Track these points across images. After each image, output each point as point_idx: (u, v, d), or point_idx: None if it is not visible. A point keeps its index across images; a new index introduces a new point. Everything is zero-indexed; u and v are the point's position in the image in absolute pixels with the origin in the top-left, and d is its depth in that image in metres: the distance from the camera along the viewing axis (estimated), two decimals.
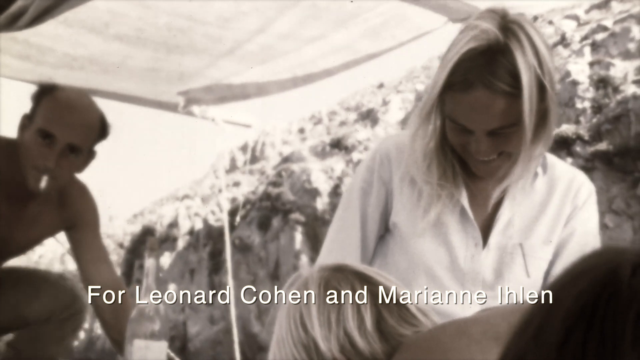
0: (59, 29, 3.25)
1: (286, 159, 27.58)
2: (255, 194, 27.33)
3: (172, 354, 2.07)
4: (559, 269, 1.85)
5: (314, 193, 27.46)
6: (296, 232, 27.10)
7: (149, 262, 1.81)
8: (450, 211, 1.89)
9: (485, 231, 1.91)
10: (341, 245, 1.98)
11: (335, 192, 27.29)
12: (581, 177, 1.98)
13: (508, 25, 1.71)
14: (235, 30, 3.43)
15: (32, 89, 2.64)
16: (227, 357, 28.82)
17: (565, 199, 1.93)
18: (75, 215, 2.72)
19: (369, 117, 28.23)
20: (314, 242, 26.90)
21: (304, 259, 26.99)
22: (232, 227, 29.40)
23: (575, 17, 18.16)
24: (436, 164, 1.85)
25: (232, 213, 29.45)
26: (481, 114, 1.71)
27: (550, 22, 17.67)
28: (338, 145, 27.60)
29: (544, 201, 1.93)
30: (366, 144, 27.59)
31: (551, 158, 1.96)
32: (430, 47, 3.79)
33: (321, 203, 27.38)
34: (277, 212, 26.58)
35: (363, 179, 1.97)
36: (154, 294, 1.80)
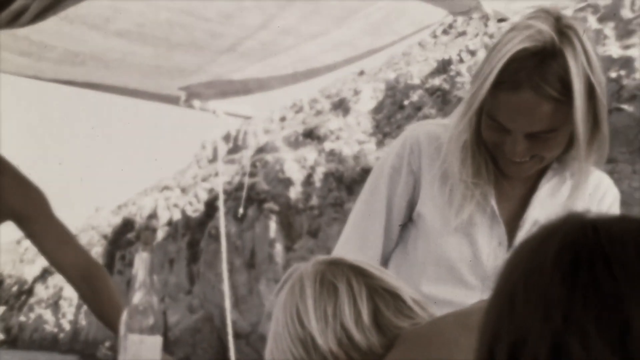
0: (60, 25, 3.15)
1: (260, 150, 27.54)
2: (231, 184, 27.26)
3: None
4: None
5: (288, 182, 27.43)
6: (270, 221, 27.08)
7: (142, 256, 1.73)
8: (481, 210, 1.83)
9: (511, 230, 1.84)
10: (365, 232, 1.91)
11: (308, 182, 27.30)
12: (607, 182, 1.92)
13: (563, 29, 1.64)
14: (236, 26, 3.35)
15: (34, 85, 2.51)
16: (207, 344, 28.79)
17: (590, 204, 1.88)
18: (16, 208, 2.52)
19: (341, 106, 28.23)
20: (288, 231, 26.91)
21: (279, 247, 26.99)
22: (209, 217, 29.28)
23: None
24: (470, 161, 1.78)
25: (210, 204, 29.34)
26: (524, 116, 1.65)
27: (515, 13, 17.84)
28: (311, 135, 27.58)
29: (569, 204, 1.86)
30: (338, 133, 27.59)
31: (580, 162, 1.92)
32: None
33: (294, 192, 27.36)
34: (252, 202, 26.55)
35: (391, 166, 1.89)
36: (146, 289, 1.72)
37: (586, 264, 0.64)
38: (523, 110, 1.64)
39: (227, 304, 4.56)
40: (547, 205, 1.86)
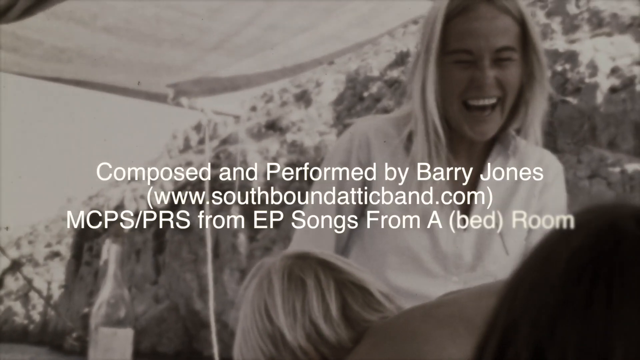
0: (47, 21, 3.05)
1: (224, 141, 27.42)
2: (195, 175, 27.12)
3: None
4: (534, 240, 1.76)
5: (250, 173, 27.35)
6: (234, 212, 27.00)
7: (113, 249, 1.67)
8: (436, 195, 1.80)
9: (464, 212, 1.83)
10: (316, 229, 1.86)
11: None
12: (549, 156, 1.94)
13: None
14: (223, 22, 3.27)
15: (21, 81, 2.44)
16: (172, 334, 28.66)
17: (535, 177, 1.89)
18: None
19: (303, 98, 28.21)
20: (251, 221, 26.84)
21: (242, 237, 26.92)
22: (175, 208, 29.01)
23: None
24: (421, 142, 1.77)
25: (175, 195, 29.07)
26: (485, 31, 1.69)
27: None
28: (273, 126, 27.53)
29: (516, 180, 1.88)
30: (299, 124, 27.55)
31: (520, 140, 1.89)
32: None
33: (257, 183, 27.29)
34: (216, 193, 26.44)
35: (340, 162, 1.85)
36: (117, 282, 1.66)
37: (590, 275, 0.56)
38: (482, 24, 1.69)
39: (211, 303, 4.49)
40: (494, 185, 1.85)
